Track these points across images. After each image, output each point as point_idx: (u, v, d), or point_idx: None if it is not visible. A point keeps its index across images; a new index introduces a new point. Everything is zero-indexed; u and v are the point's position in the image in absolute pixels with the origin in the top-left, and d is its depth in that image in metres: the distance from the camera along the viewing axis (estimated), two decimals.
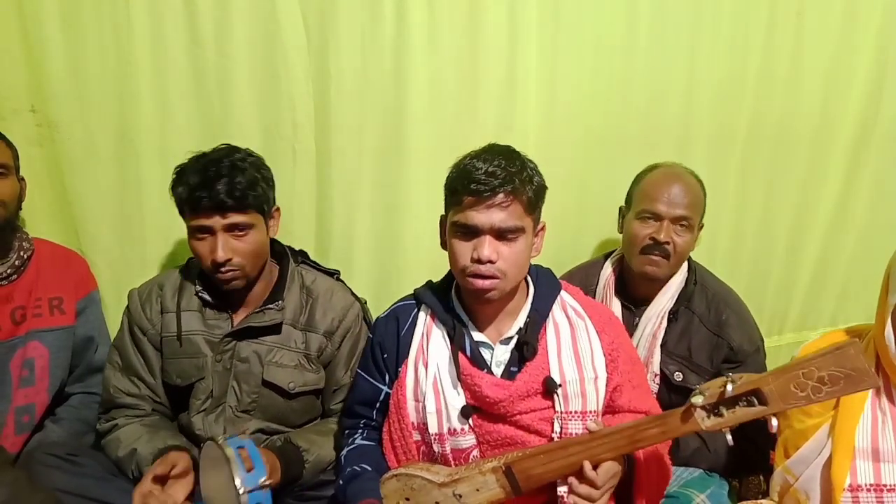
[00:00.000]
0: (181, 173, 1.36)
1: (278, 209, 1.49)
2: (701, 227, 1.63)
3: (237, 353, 1.42)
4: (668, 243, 1.53)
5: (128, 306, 1.48)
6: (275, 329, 1.44)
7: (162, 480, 1.26)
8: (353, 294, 1.57)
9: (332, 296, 1.51)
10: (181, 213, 1.38)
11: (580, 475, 1.13)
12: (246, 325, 1.42)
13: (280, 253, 1.54)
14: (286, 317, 1.45)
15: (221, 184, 1.31)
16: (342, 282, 1.59)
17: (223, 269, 1.36)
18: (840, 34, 2.00)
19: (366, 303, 1.60)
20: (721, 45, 1.92)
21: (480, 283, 1.18)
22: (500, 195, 1.15)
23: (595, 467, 1.12)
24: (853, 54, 2.03)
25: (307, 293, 1.50)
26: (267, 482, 1.13)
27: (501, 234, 1.17)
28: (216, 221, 1.33)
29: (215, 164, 1.34)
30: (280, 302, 1.45)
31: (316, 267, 1.58)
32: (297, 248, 1.61)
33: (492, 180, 1.14)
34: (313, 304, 1.49)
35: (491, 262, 1.16)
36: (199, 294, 1.45)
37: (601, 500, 1.13)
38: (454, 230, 1.21)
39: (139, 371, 1.44)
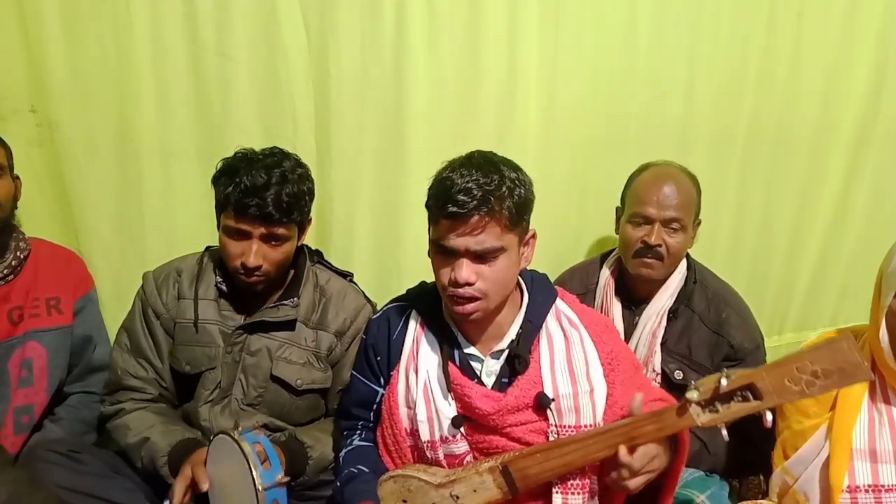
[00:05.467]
0: (231, 171, 1.34)
1: (311, 219, 1.48)
2: (698, 224, 1.63)
3: (247, 347, 1.42)
4: (659, 245, 1.53)
5: (142, 287, 1.47)
6: (288, 325, 1.45)
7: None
8: (365, 297, 1.57)
9: (344, 297, 1.52)
10: (220, 208, 1.37)
11: (613, 463, 1.09)
12: (260, 318, 1.42)
13: (296, 251, 1.54)
14: (299, 314, 1.46)
15: (272, 195, 1.31)
16: (355, 284, 1.59)
17: (249, 273, 1.36)
18: (840, 34, 2.00)
19: (377, 306, 1.59)
20: (721, 45, 1.92)
21: (461, 307, 1.17)
22: (475, 218, 1.11)
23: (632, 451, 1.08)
24: (853, 54, 2.03)
25: (321, 292, 1.51)
26: (284, 479, 1.12)
27: (479, 256, 1.14)
28: (256, 229, 1.34)
29: (268, 172, 1.32)
30: (295, 299, 1.45)
31: (330, 267, 1.58)
32: (313, 248, 1.61)
33: (467, 202, 1.10)
34: (326, 304, 1.49)
35: (469, 284, 1.14)
36: (219, 285, 1.45)
37: (637, 481, 1.09)
38: (433, 249, 1.20)
39: (147, 354, 1.44)
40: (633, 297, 1.65)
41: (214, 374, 1.41)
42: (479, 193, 1.10)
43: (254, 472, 1.09)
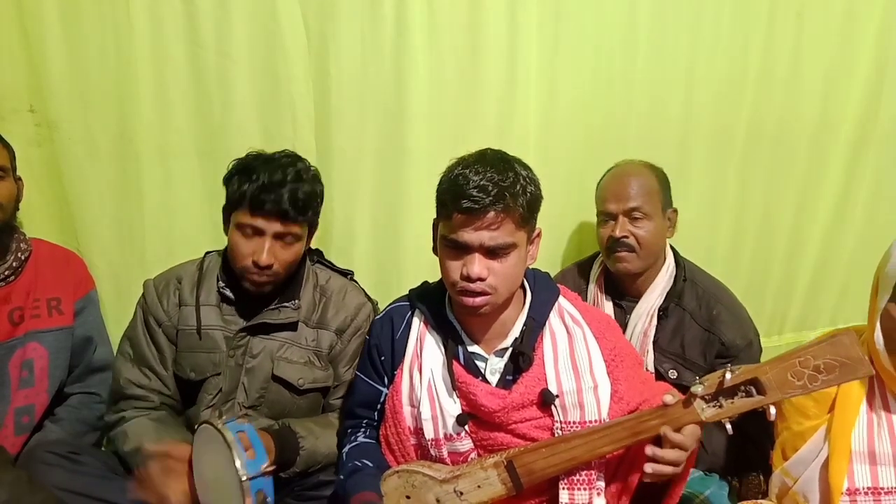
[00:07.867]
0: (247, 169, 1.34)
1: (318, 224, 1.49)
2: (674, 213, 1.65)
3: (250, 350, 1.42)
4: (626, 237, 1.56)
5: (143, 296, 1.47)
6: (289, 326, 1.45)
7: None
8: (365, 294, 1.57)
9: (344, 295, 1.52)
10: (233, 206, 1.36)
11: (665, 441, 1.09)
12: (261, 320, 1.42)
13: None
14: (300, 315, 1.46)
15: (288, 191, 1.32)
16: (356, 282, 1.59)
17: (260, 273, 1.35)
18: (840, 34, 2.00)
19: (377, 304, 1.60)
20: (721, 45, 1.92)
21: (471, 300, 1.17)
22: (491, 214, 1.11)
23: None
24: (853, 54, 2.03)
25: (321, 292, 1.51)
26: (269, 468, 1.10)
27: (492, 252, 1.15)
28: (271, 226, 1.34)
29: (284, 170, 1.33)
30: (296, 301, 1.45)
31: (330, 266, 1.58)
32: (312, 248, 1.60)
33: (482, 197, 1.10)
34: (326, 303, 1.50)
35: (481, 279, 1.14)
36: (221, 290, 1.44)
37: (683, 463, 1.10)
38: (444, 244, 1.20)
39: (151, 362, 1.44)
40: (623, 295, 1.66)
41: (217, 379, 1.41)
42: (494, 190, 1.11)
43: (237, 462, 1.07)
